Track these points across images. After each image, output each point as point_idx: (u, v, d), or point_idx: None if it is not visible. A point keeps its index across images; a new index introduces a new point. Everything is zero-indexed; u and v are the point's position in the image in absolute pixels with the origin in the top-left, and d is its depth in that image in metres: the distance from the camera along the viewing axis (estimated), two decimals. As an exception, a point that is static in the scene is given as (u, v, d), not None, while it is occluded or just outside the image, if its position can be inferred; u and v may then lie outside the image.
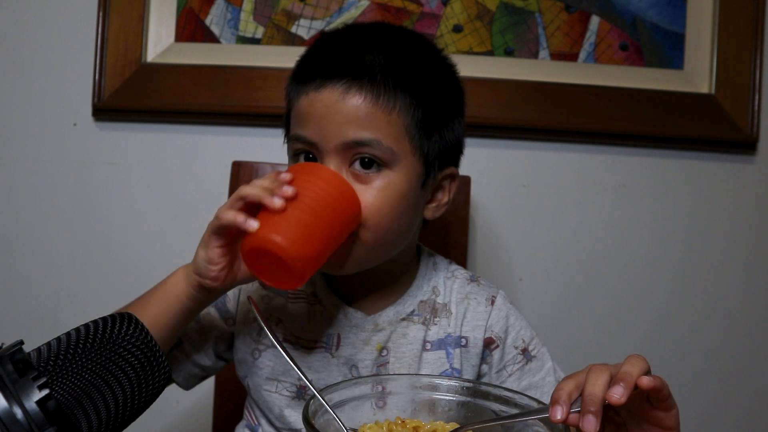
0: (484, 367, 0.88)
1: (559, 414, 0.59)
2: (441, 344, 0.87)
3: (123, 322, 0.54)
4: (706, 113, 1.28)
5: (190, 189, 1.29)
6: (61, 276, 1.30)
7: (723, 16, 1.29)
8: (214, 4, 1.27)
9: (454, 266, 0.92)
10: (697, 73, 1.30)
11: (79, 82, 1.27)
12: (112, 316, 0.55)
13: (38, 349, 0.51)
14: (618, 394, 0.57)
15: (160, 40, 1.27)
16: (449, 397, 0.71)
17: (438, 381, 0.71)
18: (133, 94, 1.25)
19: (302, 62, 0.81)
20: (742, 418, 1.34)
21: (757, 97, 1.29)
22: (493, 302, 0.88)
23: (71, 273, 1.29)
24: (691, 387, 1.32)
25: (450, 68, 0.83)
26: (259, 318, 0.71)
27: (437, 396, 0.71)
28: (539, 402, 0.67)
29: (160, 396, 0.59)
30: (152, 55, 1.27)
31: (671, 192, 1.32)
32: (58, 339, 0.52)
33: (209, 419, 1.13)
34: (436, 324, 0.87)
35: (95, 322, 0.54)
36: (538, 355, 0.89)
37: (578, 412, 0.59)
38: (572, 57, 1.29)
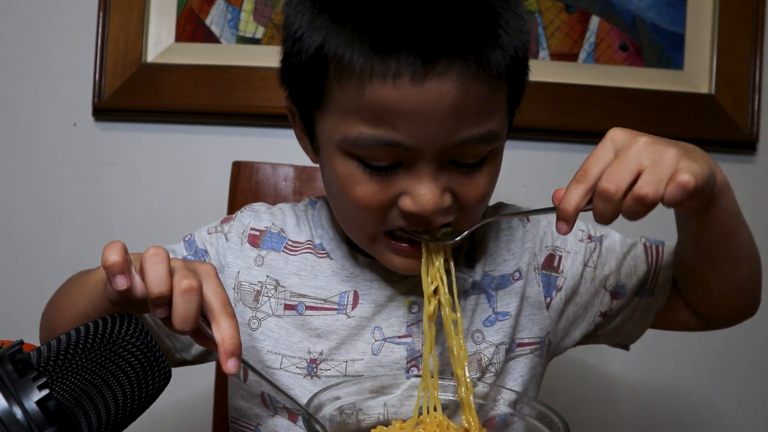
0: (559, 295, 0.77)
1: (565, 229, 0.56)
2: (479, 288, 0.75)
3: (123, 322, 0.54)
4: (706, 113, 1.28)
5: (190, 189, 1.29)
6: (61, 276, 1.28)
7: (723, 16, 1.28)
8: (214, 4, 1.27)
9: None
10: (697, 73, 1.29)
11: (79, 82, 1.27)
12: (112, 316, 0.55)
13: (38, 349, 0.51)
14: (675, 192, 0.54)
15: (160, 40, 1.27)
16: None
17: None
18: (133, 94, 1.25)
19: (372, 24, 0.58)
20: (738, 416, 1.34)
21: (757, 97, 1.28)
22: (527, 219, 0.80)
23: (71, 273, 1.29)
24: (687, 386, 1.32)
25: None
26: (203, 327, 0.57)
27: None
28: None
29: (160, 396, 0.59)
30: (152, 55, 1.27)
31: (671, 192, 1.32)
32: (58, 339, 0.52)
33: (209, 419, 1.13)
34: (472, 268, 0.76)
35: (95, 322, 0.54)
36: (603, 231, 0.80)
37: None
38: (572, 57, 1.29)
